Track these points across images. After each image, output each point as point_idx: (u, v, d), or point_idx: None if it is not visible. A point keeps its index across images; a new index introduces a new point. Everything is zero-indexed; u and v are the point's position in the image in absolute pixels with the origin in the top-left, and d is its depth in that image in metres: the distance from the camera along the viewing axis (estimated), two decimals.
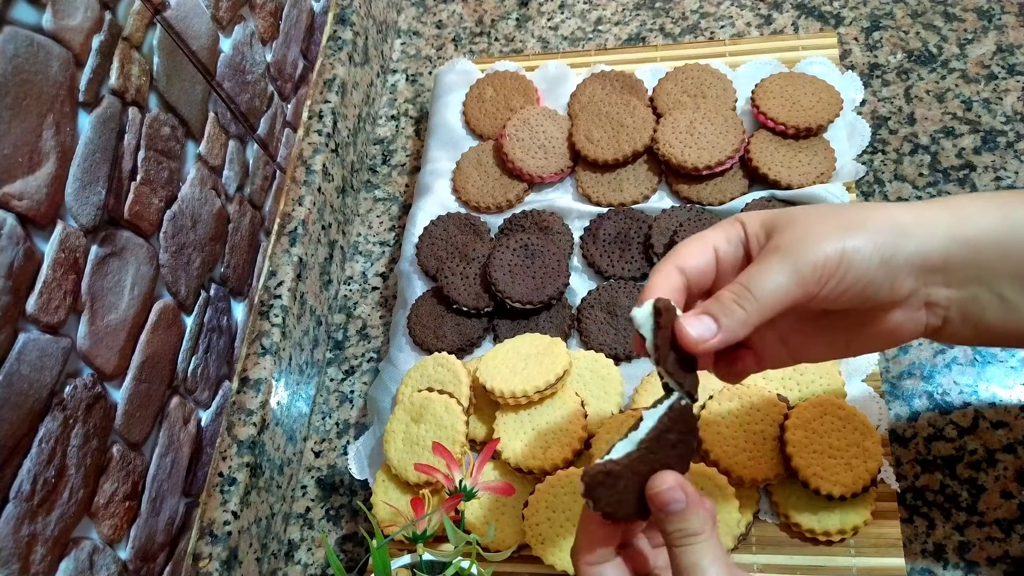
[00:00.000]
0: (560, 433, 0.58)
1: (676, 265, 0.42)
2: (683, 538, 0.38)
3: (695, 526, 0.37)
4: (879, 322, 0.42)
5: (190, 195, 0.58)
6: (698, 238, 0.43)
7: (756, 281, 0.39)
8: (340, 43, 0.77)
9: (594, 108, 0.73)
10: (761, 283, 0.39)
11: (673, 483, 0.38)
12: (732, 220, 0.43)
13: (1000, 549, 0.54)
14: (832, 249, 0.38)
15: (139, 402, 0.52)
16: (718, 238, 0.43)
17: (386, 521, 0.60)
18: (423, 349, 0.68)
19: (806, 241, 0.39)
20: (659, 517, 0.38)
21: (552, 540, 0.55)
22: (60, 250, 0.45)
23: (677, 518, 0.38)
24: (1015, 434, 0.57)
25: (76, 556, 0.46)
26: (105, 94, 0.49)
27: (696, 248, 0.42)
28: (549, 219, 0.70)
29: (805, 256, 0.38)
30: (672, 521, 0.38)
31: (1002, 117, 0.69)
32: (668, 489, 0.38)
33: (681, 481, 0.38)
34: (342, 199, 0.77)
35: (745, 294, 0.39)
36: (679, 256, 0.42)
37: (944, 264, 0.39)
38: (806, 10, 0.79)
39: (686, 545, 0.37)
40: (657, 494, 0.38)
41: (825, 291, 0.39)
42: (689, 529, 0.38)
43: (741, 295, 0.39)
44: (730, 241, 0.42)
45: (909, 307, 0.41)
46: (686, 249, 0.42)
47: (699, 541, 0.37)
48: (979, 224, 0.39)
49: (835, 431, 0.54)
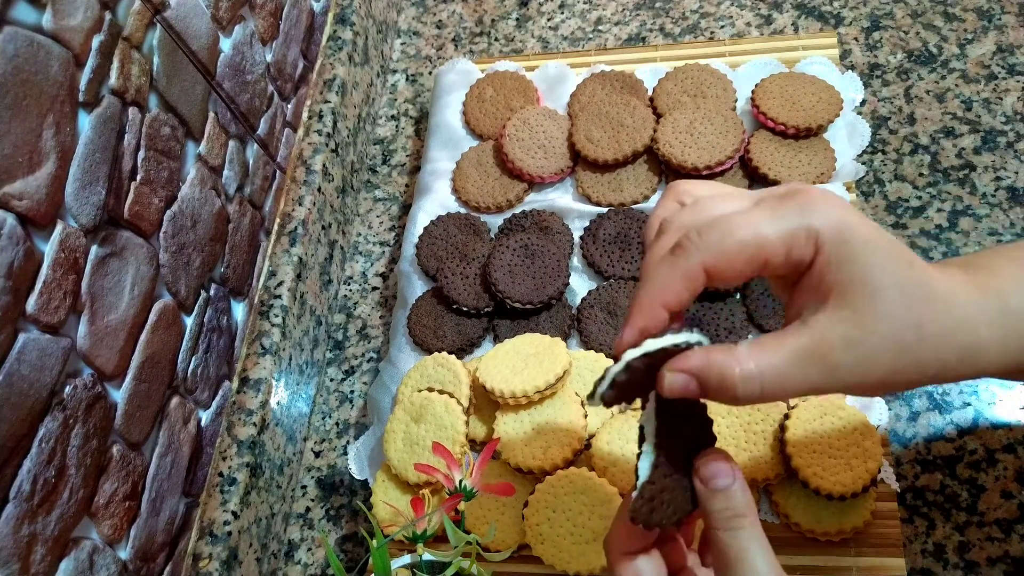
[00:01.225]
0: (560, 433, 0.58)
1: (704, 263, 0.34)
2: (730, 519, 0.35)
3: (741, 506, 0.35)
4: None
5: (190, 195, 0.58)
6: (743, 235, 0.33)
7: (778, 378, 0.34)
8: (340, 43, 0.77)
9: (594, 108, 0.73)
10: (780, 384, 0.34)
11: (720, 456, 0.36)
12: (803, 231, 0.33)
13: (1000, 549, 0.54)
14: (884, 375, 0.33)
15: (139, 402, 0.52)
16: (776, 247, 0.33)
17: (386, 521, 0.60)
18: (423, 349, 0.68)
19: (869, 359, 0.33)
20: (704, 495, 0.36)
21: (552, 540, 0.55)
22: (60, 250, 0.45)
23: (724, 496, 0.36)
24: (1015, 434, 0.57)
25: (76, 556, 0.46)
26: (105, 94, 0.49)
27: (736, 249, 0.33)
28: (549, 219, 0.70)
29: (855, 375, 0.33)
30: (719, 499, 0.36)
31: (1002, 117, 0.69)
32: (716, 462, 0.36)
33: (727, 456, 0.37)
34: (342, 199, 0.77)
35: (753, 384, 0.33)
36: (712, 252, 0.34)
37: (1007, 371, 0.35)
38: (806, 10, 0.79)
39: (734, 529, 0.35)
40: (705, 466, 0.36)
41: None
42: (737, 508, 0.35)
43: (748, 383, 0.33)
44: (789, 260, 0.34)
45: None
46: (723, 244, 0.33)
47: (746, 525, 0.35)
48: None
49: (835, 431, 0.54)
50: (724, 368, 0.34)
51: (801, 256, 0.33)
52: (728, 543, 0.35)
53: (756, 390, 0.33)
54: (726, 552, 0.35)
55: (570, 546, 0.54)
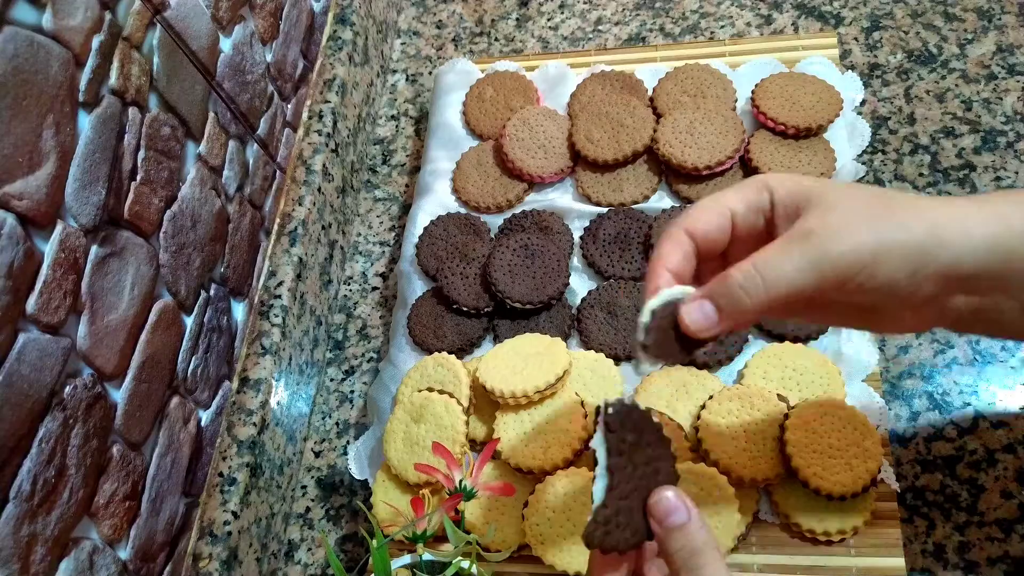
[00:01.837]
0: (560, 433, 0.58)
1: (687, 229, 0.40)
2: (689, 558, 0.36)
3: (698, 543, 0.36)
4: (884, 313, 0.40)
5: (190, 195, 0.58)
6: (715, 200, 0.40)
7: (771, 267, 0.37)
8: (340, 43, 0.77)
9: (594, 108, 0.73)
10: (775, 271, 0.37)
11: (672, 495, 0.37)
12: (758, 185, 0.40)
13: (1000, 549, 0.54)
14: (862, 250, 0.36)
15: (139, 402, 0.52)
16: (737, 202, 0.40)
17: (386, 521, 0.60)
18: (423, 349, 0.68)
19: (836, 234, 0.36)
20: (661, 537, 0.37)
21: (552, 540, 0.55)
22: (60, 250, 0.45)
23: (680, 534, 0.36)
24: (1015, 434, 0.57)
25: (76, 556, 0.46)
26: (105, 94, 0.49)
27: (711, 213, 0.40)
28: (549, 219, 0.70)
29: (831, 251, 0.36)
30: (676, 538, 0.36)
31: (1002, 117, 0.69)
32: (666, 499, 0.37)
33: (680, 494, 0.37)
34: (342, 199, 0.77)
35: (755, 279, 0.37)
36: (691, 219, 0.40)
37: (974, 273, 0.37)
38: (806, 10, 0.79)
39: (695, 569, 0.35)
40: (656, 504, 0.37)
41: (842, 291, 0.37)
42: (694, 546, 0.36)
43: (749, 280, 0.37)
44: (750, 207, 0.40)
45: (921, 308, 0.39)
46: (700, 213, 0.40)
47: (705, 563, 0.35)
48: (1016, 231, 0.37)
49: (835, 431, 0.54)
50: (727, 279, 0.38)
51: (759, 202, 0.39)
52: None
53: (759, 286, 0.37)
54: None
55: (570, 546, 0.54)
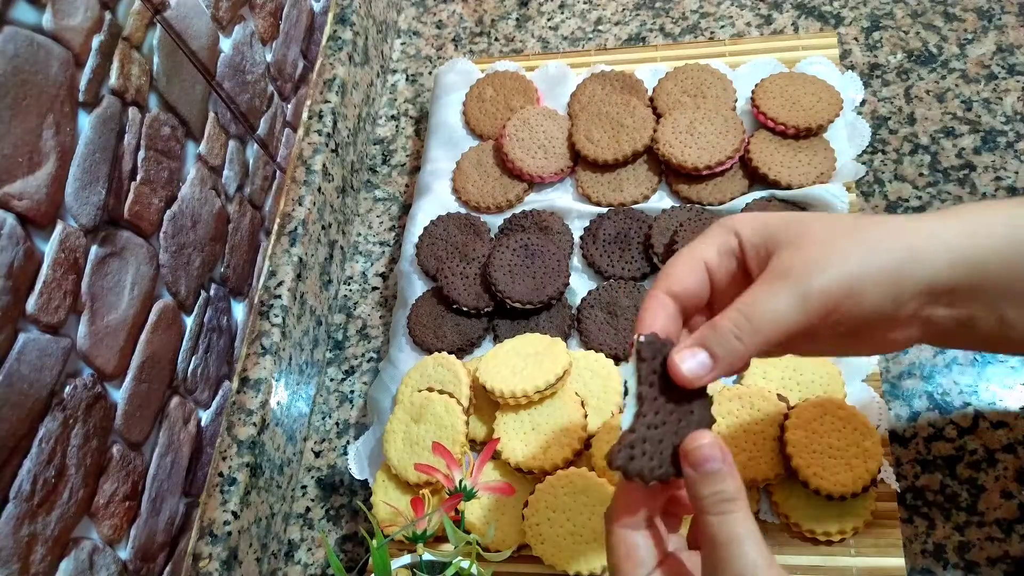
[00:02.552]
0: (560, 433, 0.58)
1: (667, 291, 0.40)
2: (719, 503, 0.35)
3: (731, 490, 0.35)
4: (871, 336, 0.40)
5: (190, 195, 0.58)
6: (687, 255, 0.41)
7: (758, 310, 0.37)
8: (340, 43, 0.77)
9: (594, 108, 0.73)
10: (763, 313, 0.37)
11: (710, 440, 0.36)
12: (724, 228, 0.41)
13: (1000, 549, 0.54)
14: (844, 278, 0.36)
15: (139, 402, 0.52)
16: (709, 251, 0.40)
17: (386, 521, 0.60)
18: (423, 349, 0.68)
19: (815, 267, 0.37)
20: (693, 479, 0.36)
21: (552, 540, 0.55)
22: (60, 250, 0.45)
23: (712, 480, 0.36)
24: (1015, 434, 0.57)
25: (76, 556, 0.46)
26: (105, 94, 0.49)
27: (686, 268, 0.40)
28: (549, 219, 0.70)
29: (813, 286, 0.36)
30: (707, 483, 0.36)
31: (1002, 117, 0.69)
32: (704, 446, 0.36)
33: (718, 440, 0.37)
34: (342, 199, 0.77)
35: (744, 325, 0.37)
36: (669, 279, 0.40)
37: (952, 286, 0.38)
38: (806, 10, 0.79)
39: (723, 514, 0.35)
40: (693, 450, 0.36)
41: (829, 321, 0.37)
42: (726, 493, 0.35)
43: (740, 326, 0.37)
44: (722, 253, 0.40)
45: (905, 325, 0.40)
46: (675, 271, 0.40)
47: (737, 510, 0.35)
48: (986, 242, 0.38)
49: (835, 431, 0.54)
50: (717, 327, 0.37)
51: (728, 244, 0.40)
52: (718, 528, 0.35)
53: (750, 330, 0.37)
54: (716, 537, 0.35)
55: (570, 546, 0.55)
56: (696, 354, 0.37)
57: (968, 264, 0.38)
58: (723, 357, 0.37)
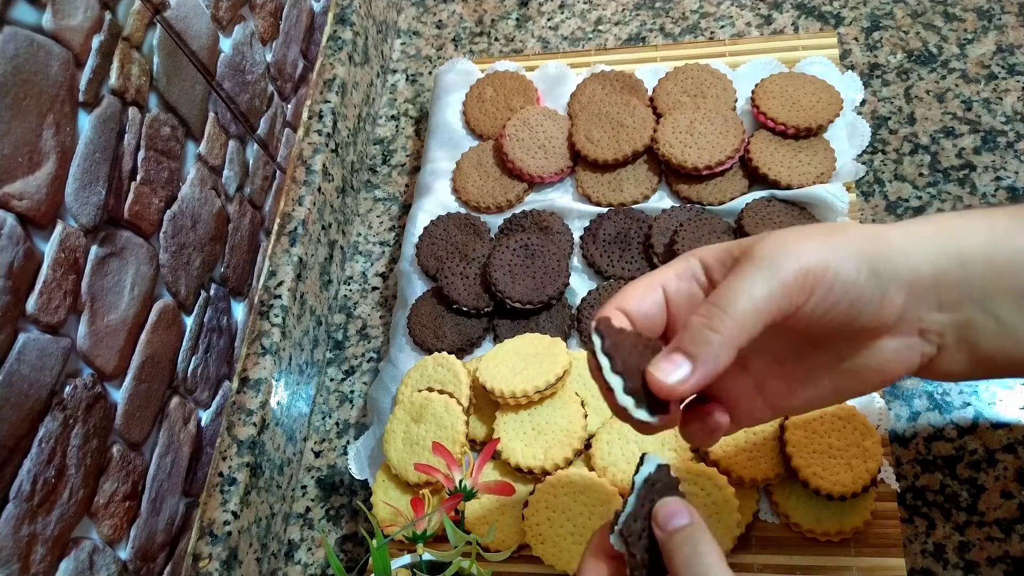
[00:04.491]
0: (560, 433, 0.58)
1: (619, 307, 0.38)
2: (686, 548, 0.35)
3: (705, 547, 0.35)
4: (869, 354, 0.38)
5: (190, 195, 0.58)
6: (644, 278, 0.39)
7: (729, 296, 0.35)
8: (340, 43, 0.77)
9: (594, 108, 0.73)
10: (736, 297, 0.35)
11: (679, 505, 0.36)
12: (686, 255, 0.39)
13: (1000, 549, 0.54)
14: (817, 256, 0.35)
15: (139, 402, 0.52)
16: (667, 276, 0.39)
17: (386, 521, 0.60)
18: (423, 349, 0.68)
19: (784, 251, 0.35)
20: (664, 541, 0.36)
21: (552, 540, 0.55)
22: (60, 250, 0.45)
23: (683, 535, 0.35)
24: (1015, 434, 0.57)
25: (76, 556, 0.46)
26: (105, 94, 0.49)
27: (641, 289, 0.38)
28: (549, 219, 0.70)
29: (786, 263, 0.35)
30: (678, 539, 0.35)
31: (1002, 117, 0.69)
32: (670, 502, 0.36)
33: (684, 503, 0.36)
34: (342, 199, 0.77)
35: (716, 314, 0.35)
36: (622, 296, 0.38)
37: (935, 281, 0.37)
38: (806, 10, 0.79)
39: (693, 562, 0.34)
40: (663, 508, 0.36)
41: (811, 303, 0.35)
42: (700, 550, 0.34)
43: (713, 315, 0.35)
44: (682, 278, 0.39)
45: (901, 334, 0.38)
46: (630, 290, 0.38)
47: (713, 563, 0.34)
48: (967, 240, 0.37)
49: (835, 431, 0.54)
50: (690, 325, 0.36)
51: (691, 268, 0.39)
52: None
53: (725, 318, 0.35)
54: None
55: (570, 546, 0.55)
56: (672, 358, 0.35)
57: (949, 258, 0.37)
58: (701, 354, 0.35)
